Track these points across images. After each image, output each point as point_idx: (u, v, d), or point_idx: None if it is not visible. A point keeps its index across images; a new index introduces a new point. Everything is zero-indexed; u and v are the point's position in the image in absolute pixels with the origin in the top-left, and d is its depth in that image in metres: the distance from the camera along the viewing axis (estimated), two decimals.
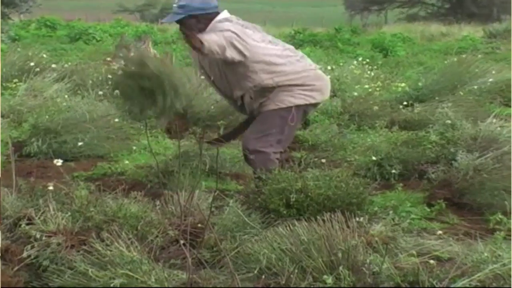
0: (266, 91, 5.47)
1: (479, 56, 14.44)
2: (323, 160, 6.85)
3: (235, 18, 5.49)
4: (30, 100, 9.42)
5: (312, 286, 3.69)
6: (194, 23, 5.41)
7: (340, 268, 3.69)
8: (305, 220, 4.20)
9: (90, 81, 10.18)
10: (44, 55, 12.69)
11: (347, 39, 26.43)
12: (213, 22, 5.41)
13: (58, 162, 5.50)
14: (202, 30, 5.37)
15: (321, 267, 3.75)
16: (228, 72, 5.49)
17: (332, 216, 4.03)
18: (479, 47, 23.87)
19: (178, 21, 5.49)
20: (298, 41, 25.68)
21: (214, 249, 4.23)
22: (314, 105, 5.74)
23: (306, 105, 5.56)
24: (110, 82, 9.82)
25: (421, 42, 29.06)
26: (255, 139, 5.46)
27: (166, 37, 28.81)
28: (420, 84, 11.16)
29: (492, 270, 3.76)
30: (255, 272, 3.86)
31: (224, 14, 5.49)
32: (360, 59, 14.98)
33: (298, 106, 5.48)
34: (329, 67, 12.24)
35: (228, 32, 5.25)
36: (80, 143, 7.17)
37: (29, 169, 6.60)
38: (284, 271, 3.76)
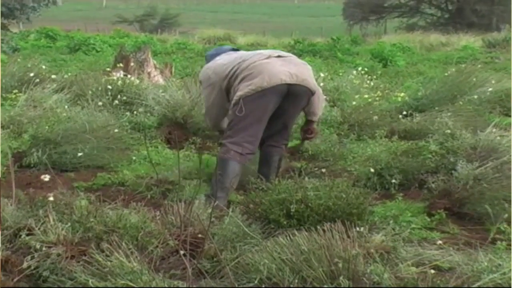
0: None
1: (479, 65, 14.45)
2: (323, 170, 6.86)
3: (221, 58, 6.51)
4: (30, 111, 9.41)
5: None
6: None
7: (341, 278, 3.70)
8: (305, 230, 4.20)
9: (90, 92, 10.17)
10: (44, 66, 12.69)
11: (347, 49, 26.50)
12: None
13: (46, 177, 5.49)
14: None
15: (322, 277, 3.74)
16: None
17: (332, 226, 4.03)
18: (479, 57, 23.93)
19: None
20: (297, 51, 25.72)
21: (215, 259, 4.23)
22: (263, 91, 5.99)
23: (252, 94, 5.99)
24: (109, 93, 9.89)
25: (420, 52, 29.13)
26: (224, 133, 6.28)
27: (166, 47, 28.90)
28: (419, 94, 11.16)
29: (493, 280, 3.76)
30: (256, 282, 3.86)
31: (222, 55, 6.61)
32: (359, 69, 14.97)
33: (243, 98, 5.99)
34: (322, 74, 12.21)
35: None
36: (80, 154, 7.16)
37: (29, 179, 6.60)
38: (284, 281, 3.76)
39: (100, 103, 9.55)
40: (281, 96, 6.02)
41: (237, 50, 6.77)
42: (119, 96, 10.04)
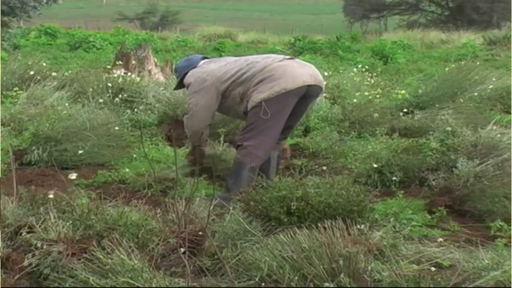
0: (244, 98, 6.15)
1: (478, 63, 14.43)
2: (324, 168, 6.86)
3: (206, 63, 6.45)
4: (31, 109, 9.43)
5: None
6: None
7: (341, 275, 3.70)
8: (306, 227, 4.20)
9: (91, 89, 10.18)
10: (44, 64, 12.70)
11: (347, 46, 26.46)
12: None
13: (73, 176, 5.53)
14: None
15: (322, 274, 3.74)
16: (225, 105, 6.36)
17: (333, 223, 4.04)
18: (479, 54, 23.89)
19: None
20: (298, 49, 25.74)
21: (215, 256, 4.23)
22: (286, 93, 5.97)
23: (275, 96, 5.95)
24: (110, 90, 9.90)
25: (421, 49, 29.11)
26: (240, 135, 6.20)
27: (167, 45, 28.91)
28: (420, 91, 11.17)
29: (493, 277, 3.76)
30: (256, 279, 3.86)
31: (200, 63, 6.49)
32: (360, 66, 14.98)
33: (266, 100, 5.93)
34: (326, 73, 12.21)
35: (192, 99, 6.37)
36: (80, 151, 7.17)
37: (29, 177, 6.61)
38: (285, 278, 3.76)
39: (100, 101, 9.56)
40: (299, 97, 6.05)
41: (206, 57, 6.69)
42: (119, 94, 10.04)
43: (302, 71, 6.07)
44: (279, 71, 6.01)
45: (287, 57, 6.34)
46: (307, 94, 6.11)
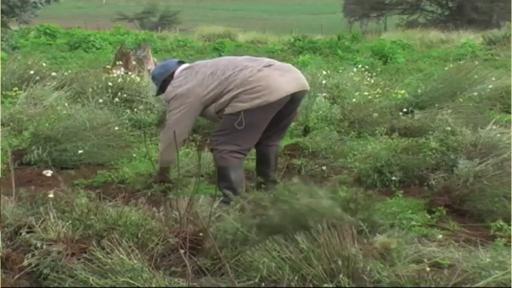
0: (225, 106, 5.97)
1: (477, 62, 14.43)
2: (324, 167, 6.85)
3: (183, 74, 6.17)
4: (30, 109, 9.44)
5: None
6: (168, 83, 6.24)
7: (340, 276, 3.70)
8: (305, 228, 4.19)
9: (90, 89, 10.18)
10: (44, 64, 12.70)
11: (347, 46, 26.46)
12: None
13: (48, 173, 5.51)
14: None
15: (321, 275, 3.74)
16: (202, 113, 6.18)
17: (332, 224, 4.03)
18: (479, 54, 23.89)
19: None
20: (297, 48, 25.73)
21: (215, 257, 4.23)
22: (268, 105, 5.84)
23: (257, 108, 5.81)
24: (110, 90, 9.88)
25: (420, 49, 29.10)
26: (212, 137, 6.07)
27: (166, 44, 28.90)
28: (419, 91, 11.17)
29: (493, 277, 3.76)
30: (256, 280, 3.86)
31: (177, 71, 6.25)
32: (359, 66, 14.97)
33: (245, 111, 5.79)
34: (324, 72, 12.20)
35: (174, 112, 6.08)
36: (80, 151, 7.17)
37: (29, 177, 6.60)
38: (284, 279, 3.76)
39: (100, 101, 9.56)
40: (283, 105, 5.96)
41: (183, 62, 6.45)
42: (119, 94, 10.04)
43: (284, 80, 5.89)
44: (262, 83, 5.83)
45: (266, 64, 6.05)
46: (293, 99, 5.97)
